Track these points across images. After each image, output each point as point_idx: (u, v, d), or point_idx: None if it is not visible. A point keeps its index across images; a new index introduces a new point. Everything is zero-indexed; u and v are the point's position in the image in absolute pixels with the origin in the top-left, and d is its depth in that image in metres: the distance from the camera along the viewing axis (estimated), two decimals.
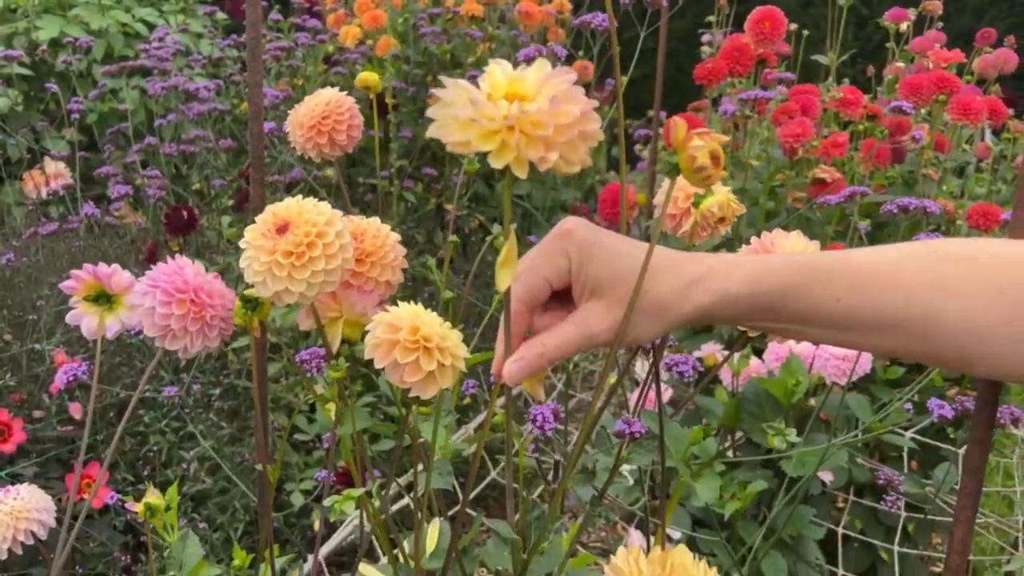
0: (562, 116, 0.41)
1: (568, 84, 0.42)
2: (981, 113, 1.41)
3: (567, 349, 0.52)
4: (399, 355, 0.52)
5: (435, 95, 0.42)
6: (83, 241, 1.82)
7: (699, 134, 0.49)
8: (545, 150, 0.41)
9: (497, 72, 0.43)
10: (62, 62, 2.23)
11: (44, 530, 0.77)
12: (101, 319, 0.70)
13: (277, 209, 0.56)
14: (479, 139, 0.41)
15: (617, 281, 0.51)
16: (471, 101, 0.41)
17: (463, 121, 0.41)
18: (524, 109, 0.40)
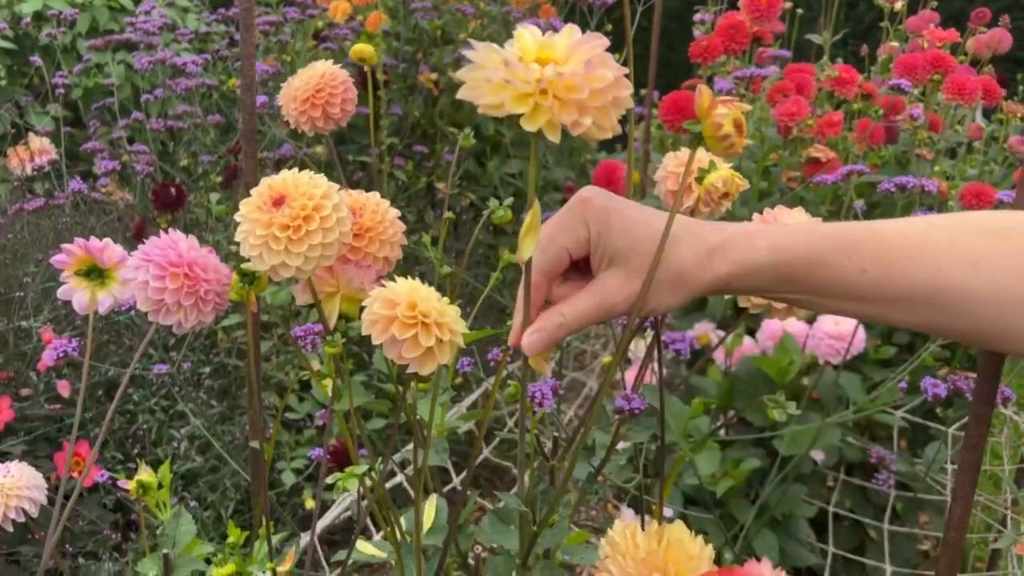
0: (597, 80, 0.40)
1: (601, 49, 0.41)
2: (976, 93, 1.41)
3: (585, 319, 0.51)
4: (397, 331, 0.51)
5: (465, 55, 0.42)
6: (69, 218, 1.80)
7: (723, 101, 0.48)
8: (579, 114, 0.40)
9: (526, 36, 0.42)
10: (46, 35, 2.19)
11: (35, 507, 0.76)
12: (93, 294, 0.69)
13: (273, 182, 0.55)
14: (513, 101, 0.40)
15: (635, 250, 0.50)
16: (504, 63, 0.40)
17: (496, 84, 0.40)
18: (560, 71, 0.40)
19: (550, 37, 0.43)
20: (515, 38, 0.42)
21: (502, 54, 0.41)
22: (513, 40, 0.42)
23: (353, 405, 0.61)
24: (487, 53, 0.41)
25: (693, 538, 0.58)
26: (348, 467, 0.62)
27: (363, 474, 0.51)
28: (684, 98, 1.38)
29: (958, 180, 1.58)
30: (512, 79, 0.40)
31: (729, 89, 1.50)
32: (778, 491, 1.31)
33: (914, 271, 0.49)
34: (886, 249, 0.50)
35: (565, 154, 2.28)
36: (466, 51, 0.42)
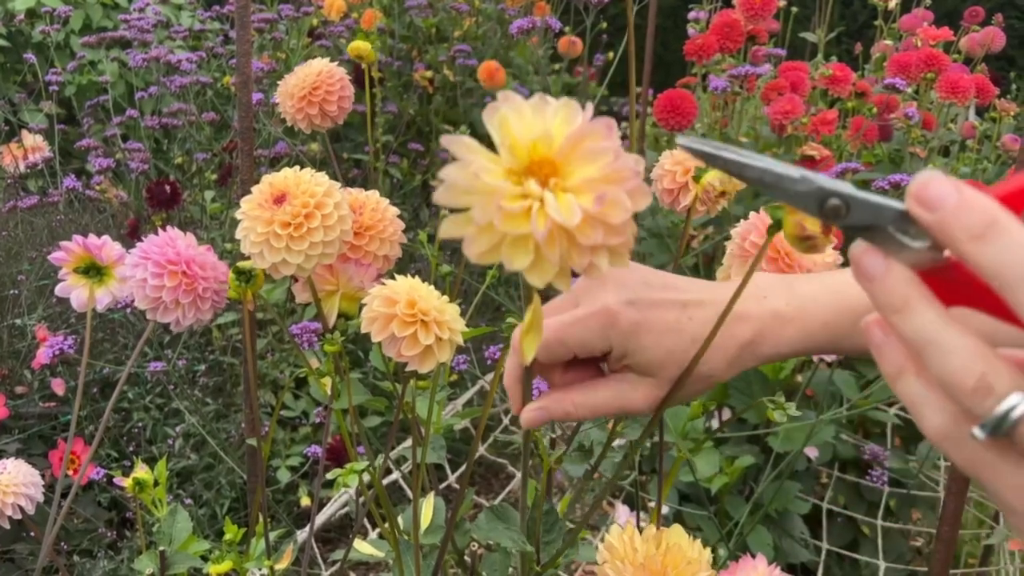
0: (614, 214, 0.33)
1: (613, 154, 0.33)
2: (969, 91, 1.41)
3: (597, 414, 0.49)
4: (396, 328, 0.51)
5: (440, 178, 0.33)
6: (63, 215, 1.79)
7: None
8: (592, 256, 0.34)
9: (513, 123, 0.34)
10: (39, 32, 2.18)
11: (32, 505, 0.76)
12: (91, 291, 0.69)
13: (274, 180, 0.55)
14: (512, 252, 0.33)
15: (666, 363, 0.47)
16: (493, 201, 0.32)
17: (484, 228, 0.33)
18: (566, 217, 0.32)
19: (543, 117, 0.35)
20: (500, 127, 0.34)
21: (483, 175, 0.33)
22: (496, 127, 0.34)
23: (352, 403, 0.61)
24: (465, 170, 0.33)
25: (691, 542, 0.58)
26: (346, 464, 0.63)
27: (362, 470, 0.51)
28: (678, 96, 1.38)
29: None
30: (506, 228, 0.33)
31: (724, 87, 1.50)
32: (772, 488, 1.31)
33: None
34: None
35: None
36: (446, 140, 0.33)
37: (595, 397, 0.48)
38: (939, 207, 0.29)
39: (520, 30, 1.56)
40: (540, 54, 2.27)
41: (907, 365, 0.31)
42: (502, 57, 2.13)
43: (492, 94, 2.08)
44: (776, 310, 0.49)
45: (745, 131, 1.71)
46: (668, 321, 0.47)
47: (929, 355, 0.30)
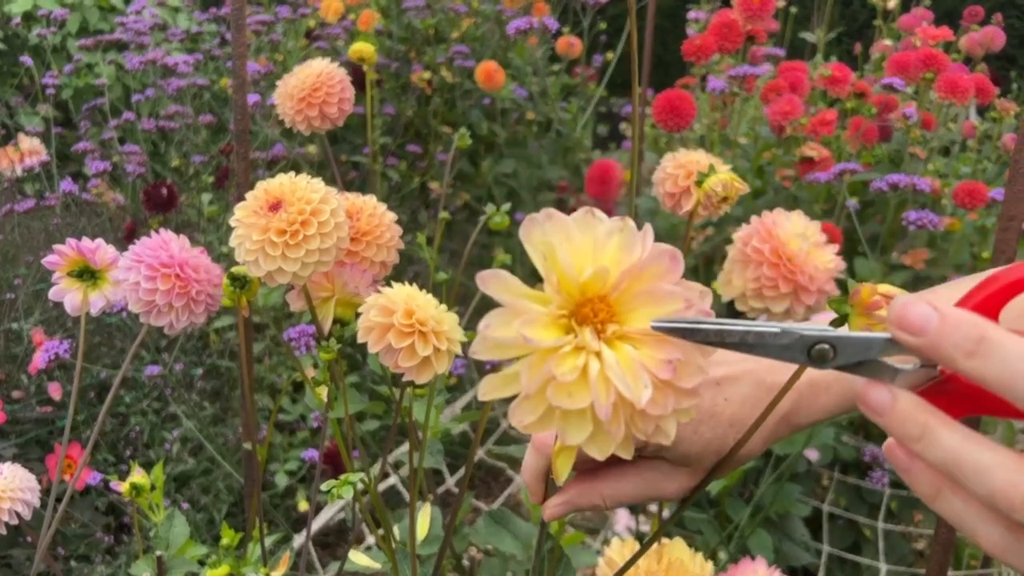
0: (687, 378, 0.30)
1: (683, 300, 0.29)
2: (968, 91, 1.41)
3: (626, 503, 0.46)
4: (394, 339, 0.50)
5: (479, 331, 0.29)
6: (60, 219, 1.78)
7: (887, 298, 0.38)
8: (659, 423, 0.30)
9: (561, 252, 0.29)
10: (36, 36, 2.17)
11: (29, 510, 0.75)
12: (85, 295, 0.68)
13: (269, 186, 0.54)
14: (567, 424, 0.29)
15: (702, 455, 0.45)
16: (543, 367, 0.28)
17: (535, 399, 0.29)
18: (634, 394, 0.28)
19: (594, 240, 0.30)
20: (545, 256, 0.29)
21: (530, 325, 0.28)
22: (541, 257, 0.29)
23: (349, 412, 0.60)
24: (506, 319, 0.28)
25: (693, 556, 0.57)
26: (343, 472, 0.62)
27: (357, 481, 0.50)
28: (677, 97, 1.37)
29: (951, 178, 1.59)
30: (559, 402, 0.28)
31: (723, 88, 1.49)
32: (773, 490, 1.31)
33: None
34: None
35: (559, 153, 2.28)
36: (481, 278, 0.29)
37: (624, 488, 0.45)
38: (923, 331, 0.29)
39: (518, 31, 1.56)
40: (539, 55, 2.27)
41: (942, 484, 0.30)
42: (500, 58, 2.13)
43: (490, 95, 2.08)
44: (811, 378, 0.46)
45: (744, 132, 1.71)
46: (704, 408, 0.45)
47: (965, 477, 0.29)
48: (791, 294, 0.67)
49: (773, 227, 0.67)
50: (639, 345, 0.29)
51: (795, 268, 0.66)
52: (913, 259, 1.38)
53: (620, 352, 0.29)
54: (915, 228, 1.00)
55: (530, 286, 0.31)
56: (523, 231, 0.30)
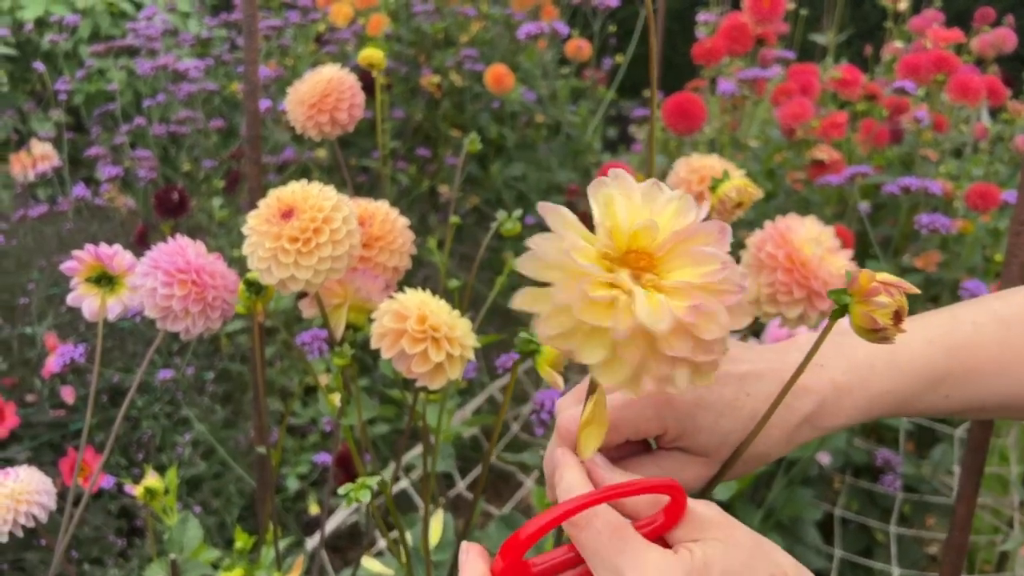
0: (707, 328, 0.30)
1: (721, 262, 0.31)
2: (980, 93, 1.40)
3: None
4: (407, 345, 0.50)
5: (527, 245, 0.30)
6: (72, 224, 1.79)
7: (886, 285, 0.41)
8: (672, 368, 0.31)
9: (619, 205, 0.31)
10: (48, 42, 2.19)
11: (45, 513, 0.76)
12: (103, 301, 0.69)
13: (282, 194, 0.55)
14: (585, 343, 0.31)
15: (723, 444, 0.45)
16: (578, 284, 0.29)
17: (561, 309, 0.30)
18: (652, 321, 0.29)
19: (651, 205, 0.32)
20: (603, 204, 0.31)
21: (576, 248, 0.30)
22: (600, 205, 0.31)
23: (362, 419, 0.60)
24: (555, 239, 0.30)
25: None
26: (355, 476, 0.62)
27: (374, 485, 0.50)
28: (687, 101, 1.37)
29: (963, 180, 1.58)
30: (581, 313, 0.29)
31: (733, 91, 1.49)
32: (784, 494, 1.30)
33: (994, 384, 0.49)
34: (966, 371, 0.49)
35: (568, 157, 2.28)
36: (542, 207, 0.31)
37: (643, 475, 0.44)
38: None
39: (528, 35, 1.56)
40: (548, 58, 2.27)
41: None
42: (510, 61, 2.13)
43: (499, 98, 2.08)
44: (835, 381, 0.47)
45: (755, 134, 1.71)
46: (726, 399, 0.45)
47: None
48: (805, 299, 0.67)
49: (787, 232, 0.67)
50: (670, 295, 0.31)
51: (809, 273, 0.66)
52: (925, 262, 1.37)
53: (651, 295, 0.30)
54: (927, 232, 0.99)
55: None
56: (591, 189, 0.32)
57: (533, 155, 2.17)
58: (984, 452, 0.62)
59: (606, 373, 0.31)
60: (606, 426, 0.37)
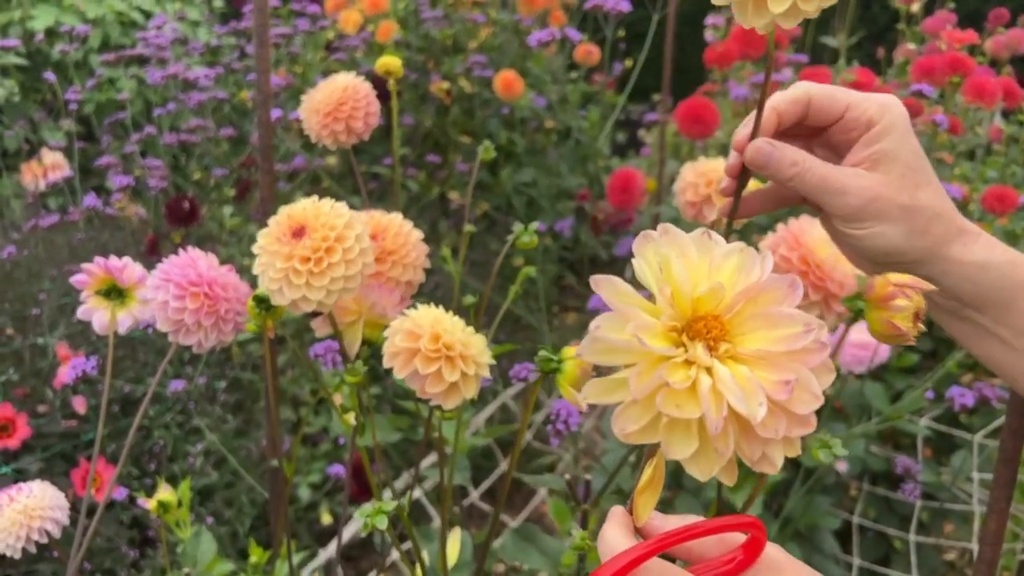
0: (802, 403, 0.28)
1: (803, 323, 0.28)
2: (996, 95, 1.39)
3: (817, 179, 0.47)
4: (420, 365, 0.49)
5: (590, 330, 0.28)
6: (83, 233, 1.80)
7: (902, 287, 0.40)
8: (766, 448, 0.29)
9: (676, 267, 0.29)
10: (58, 51, 2.19)
11: (58, 528, 0.75)
12: (113, 314, 0.68)
13: (292, 211, 0.54)
14: (672, 436, 0.28)
15: (911, 164, 0.47)
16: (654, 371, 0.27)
17: (641, 406, 0.28)
18: (750, 409, 0.27)
19: (709, 259, 0.30)
20: (660, 268, 0.29)
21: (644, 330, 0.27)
22: (654, 270, 0.29)
23: (377, 440, 0.59)
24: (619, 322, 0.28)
25: None
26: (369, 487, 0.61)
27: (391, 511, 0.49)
28: (700, 105, 1.36)
29: (979, 183, 1.56)
30: (668, 410, 0.27)
31: (746, 95, 1.48)
32: (802, 503, 1.29)
33: None
34: None
35: (578, 162, 2.27)
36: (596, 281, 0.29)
37: (822, 165, 0.47)
38: None
39: (539, 42, 1.55)
40: (557, 63, 2.26)
41: None
42: (519, 67, 2.12)
43: (509, 104, 2.07)
44: (984, 232, 0.50)
45: None
46: None
47: None
48: (821, 301, 0.66)
49: (801, 234, 0.66)
50: (752, 366, 0.28)
51: (824, 275, 0.65)
52: None
53: (733, 369, 0.28)
54: None
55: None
56: (636, 245, 0.30)
57: (543, 161, 2.16)
58: (1016, 464, 0.61)
59: (698, 466, 0.29)
60: (659, 489, 0.35)
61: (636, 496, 0.35)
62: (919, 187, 0.47)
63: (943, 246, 0.47)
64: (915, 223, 0.47)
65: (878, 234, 0.47)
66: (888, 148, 0.47)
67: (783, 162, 0.47)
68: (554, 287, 2.23)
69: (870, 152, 0.48)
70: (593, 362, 0.29)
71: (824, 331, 0.29)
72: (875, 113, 0.48)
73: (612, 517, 0.37)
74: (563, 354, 0.49)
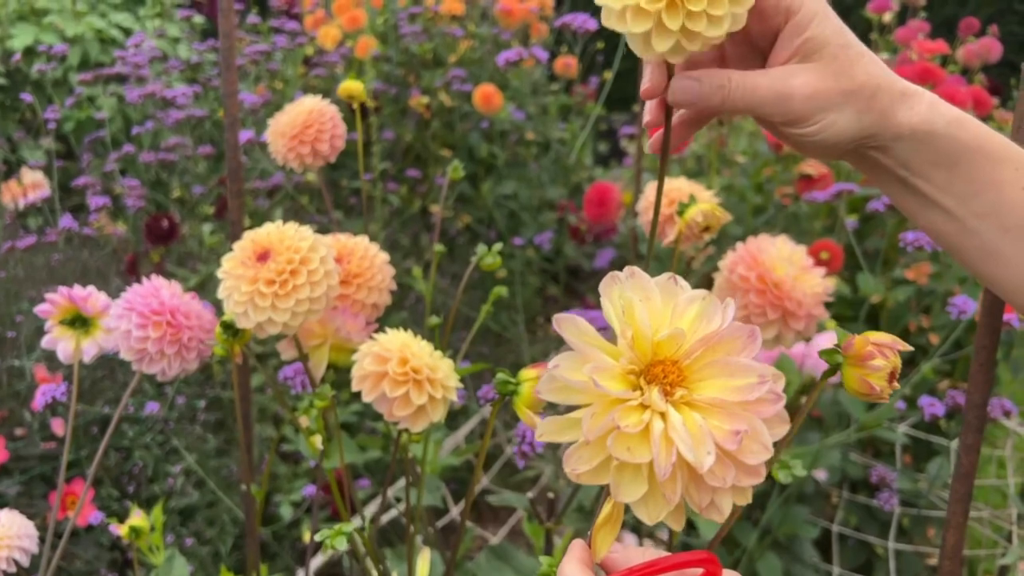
0: (752, 454, 0.29)
1: (757, 374, 0.29)
2: (965, 104, 1.40)
3: (752, 97, 0.45)
4: (388, 388, 0.50)
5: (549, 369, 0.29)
6: (62, 253, 1.79)
7: (880, 347, 0.40)
8: (715, 496, 0.30)
9: (639, 311, 0.29)
10: (36, 71, 2.19)
11: (27, 557, 0.75)
12: (77, 343, 0.68)
13: (257, 235, 0.54)
14: (622, 479, 0.29)
15: (845, 49, 0.45)
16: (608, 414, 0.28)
17: (594, 447, 0.29)
18: (697, 457, 0.28)
19: (672, 304, 0.30)
20: (623, 311, 0.29)
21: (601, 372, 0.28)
22: (618, 313, 0.30)
23: (343, 462, 0.59)
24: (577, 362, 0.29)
25: None
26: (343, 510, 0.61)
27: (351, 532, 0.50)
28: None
29: None
30: (619, 454, 0.28)
31: None
32: (780, 513, 1.29)
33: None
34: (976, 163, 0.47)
35: (560, 173, 2.28)
36: (558, 320, 0.29)
37: (753, 76, 0.45)
38: None
39: (507, 62, 1.56)
40: (536, 75, 2.27)
41: None
42: (498, 80, 2.13)
43: (489, 118, 2.08)
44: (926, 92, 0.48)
45: (743, 148, 1.70)
46: None
47: None
48: (779, 320, 0.66)
49: (758, 253, 0.67)
50: (706, 414, 0.29)
51: (782, 294, 0.65)
52: (916, 274, 1.37)
53: (686, 416, 0.29)
54: (912, 249, 0.99)
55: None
56: (603, 286, 0.30)
57: (524, 172, 2.17)
58: (972, 478, 0.61)
59: (646, 509, 0.29)
60: (618, 526, 0.35)
61: (595, 532, 0.35)
62: (854, 64, 0.46)
63: (890, 115, 0.47)
64: (860, 103, 0.46)
65: (827, 125, 0.46)
66: (816, 34, 0.45)
67: (710, 92, 0.45)
68: (537, 298, 2.23)
69: (799, 43, 0.46)
70: (550, 400, 0.29)
71: (781, 382, 0.29)
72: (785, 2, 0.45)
73: (571, 551, 0.37)
74: (520, 376, 0.50)
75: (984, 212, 0.48)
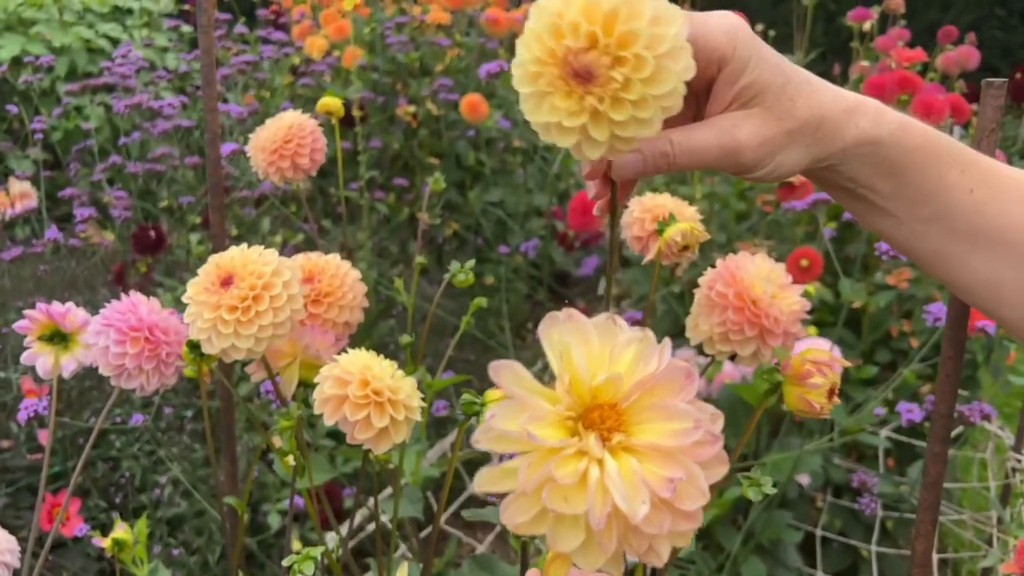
0: (688, 500, 0.29)
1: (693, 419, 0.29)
2: (943, 112, 1.42)
3: (698, 157, 0.44)
4: (349, 412, 0.50)
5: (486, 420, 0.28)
6: (49, 264, 1.79)
7: (818, 365, 0.40)
8: (653, 543, 0.29)
9: (576, 355, 0.29)
10: (23, 81, 2.19)
11: (8, 572, 0.75)
12: (56, 359, 0.69)
13: (221, 260, 0.55)
14: (558, 529, 0.29)
15: (786, 90, 0.44)
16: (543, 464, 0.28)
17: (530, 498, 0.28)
18: (630, 507, 0.27)
19: (610, 346, 0.30)
20: (560, 355, 0.29)
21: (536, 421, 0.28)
22: (556, 356, 0.29)
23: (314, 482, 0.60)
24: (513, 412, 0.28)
25: None
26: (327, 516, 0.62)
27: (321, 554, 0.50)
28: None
29: None
30: (556, 506, 0.28)
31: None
32: (763, 517, 1.31)
33: (1015, 209, 0.47)
34: (996, 177, 0.48)
35: (547, 180, 2.29)
36: (493, 368, 0.29)
37: (697, 134, 0.44)
38: None
39: (488, 74, 1.57)
40: None
41: None
42: (485, 88, 2.14)
43: (475, 126, 2.09)
44: (872, 100, 0.48)
45: None
46: (783, 57, 0.46)
47: None
48: (757, 337, 0.67)
49: (737, 271, 0.68)
50: (643, 459, 0.29)
51: (760, 312, 0.66)
52: (897, 279, 1.38)
53: (623, 462, 0.29)
54: (888, 257, 1.01)
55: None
56: (542, 328, 0.30)
57: (511, 180, 2.18)
58: (939, 488, 0.62)
59: (583, 558, 0.29)
60: (568, 563, 0.35)
61: (546, 566, 0.35)
62: (795, 102, 0.45)
63: (837, 138, 0.46)
64: (806, 138, 0.46)
65: (777, 166, 0.46)
66: (753, 80, 0.44)
67: (654, 162, 0.44)
68: (525, 304, 2.24)
69: (737, 90, 0.45)
70: (488, 450, 0.29)
71: (719, 422, 0.29)
72: (724, 42, 0.44)
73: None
74: (486, 397, 0.50)
75: (931, 217, 0.48)
